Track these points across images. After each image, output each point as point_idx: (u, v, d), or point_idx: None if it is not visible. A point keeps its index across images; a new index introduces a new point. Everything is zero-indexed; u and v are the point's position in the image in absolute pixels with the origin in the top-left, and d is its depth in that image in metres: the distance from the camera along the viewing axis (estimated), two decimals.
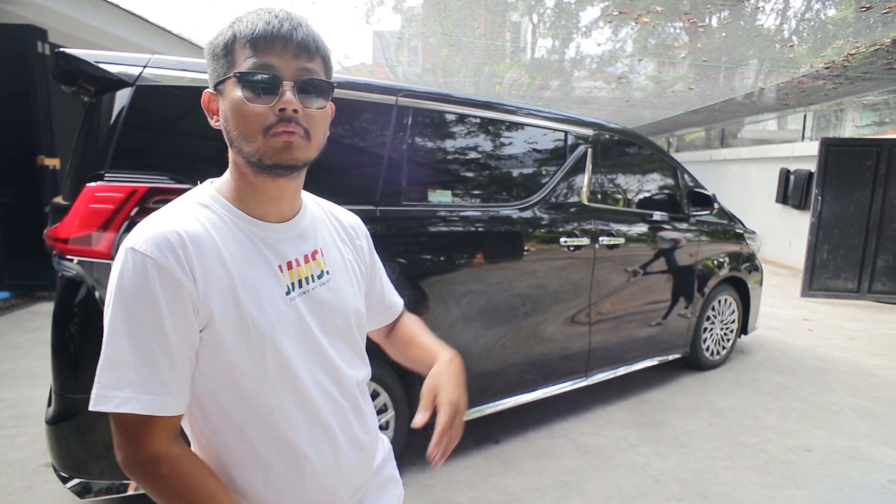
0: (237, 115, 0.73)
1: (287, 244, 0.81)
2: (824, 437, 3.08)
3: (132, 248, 0.70)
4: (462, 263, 2.52)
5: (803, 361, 4.42)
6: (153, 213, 0.76)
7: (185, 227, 0.72)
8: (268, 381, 0.76)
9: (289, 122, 0.72)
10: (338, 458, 0.83)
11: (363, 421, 0.90)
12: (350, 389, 0.87)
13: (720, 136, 14.70)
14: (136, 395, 0.68)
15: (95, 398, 0.68)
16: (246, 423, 0.77)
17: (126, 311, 0.69)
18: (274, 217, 0.81)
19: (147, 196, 1.78)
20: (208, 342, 0.73)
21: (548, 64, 8.44)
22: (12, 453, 2.62)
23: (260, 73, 0.71)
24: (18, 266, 5.38)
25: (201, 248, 0.72)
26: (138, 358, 0.68)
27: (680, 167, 3.82)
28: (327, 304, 0.84)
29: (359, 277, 0.94)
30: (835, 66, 6.28)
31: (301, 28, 0.73)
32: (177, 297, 0.69)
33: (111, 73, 1.79)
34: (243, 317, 0.73)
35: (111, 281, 0.71)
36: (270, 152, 0.73)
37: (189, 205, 0.78)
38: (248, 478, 0.79)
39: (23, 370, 3.65)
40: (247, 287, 0.74)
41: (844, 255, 6.94)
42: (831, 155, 6.85)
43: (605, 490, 2.49)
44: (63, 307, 1.80)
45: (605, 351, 3.27)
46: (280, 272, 0.79)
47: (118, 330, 0.69)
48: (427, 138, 2.52)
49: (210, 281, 0.72)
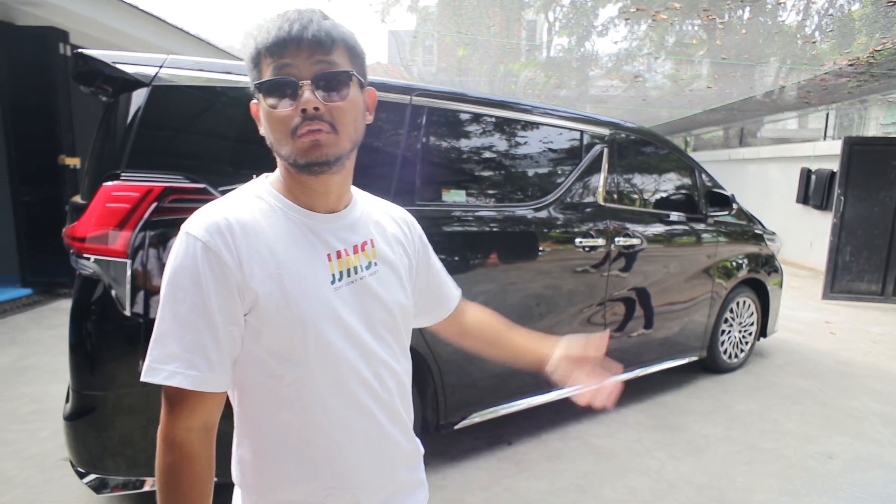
0: (268, 121, 0.76)
1: (336, 234, 0.83)
2: (847, 444, 3.00)
3: (186, 232, 0.74)
4: (476, 264, 2.50)
5: (825, 365, 4.33)
6: (213, 201, 0.80)
7: (236, 214, 0.76)
8: (308, 367, 0.78)
9: (312, 121, 0.74)
10: (370, 450, 0.84)
11: (399, 416, 0.90)
12: (388, 382, 0.87)
13: (739, 135, 14.49)
14: (182, 370, 0.71)
15: (146, 370, 0.72)
16: (282, 407, 0.79)
17: (175, 290, 0.73)
18: (323, 209, 0.83)
19: (163, 195, 1.79)
20: (252, 325, 0.76)
21: (563, 62, 8.38)
22: (33, 447, 2.67)
23: (277, 78, 0.73)
24: (40, 264, 5.49)
25: (250, 235, 0.75)
26: (185, 335, 0.72)
27: (698, 167, 3.76)
28: (373, 295, 0.85)
29: (407, 271, 0.95)
30: (859, 62, 6.13)
31: (312, 25, 0.73)
32: (223, 278, 0.73)
33: (128, 74, 1.81)
34: (288, 302, 0.75)
35: (168, 263, 0.75)
36: (300, 153, 0.75)
37: (245, 195, 0.81)
38: (280, 461, 0.80)
39: (44, 366, 3.72)
40: (293, 274, 0.77)
41: (868, 256, 6.78)
42: (855, 154, 6.70)
43: (619, 494, 2.46)
44: (80, 305, 1.83)
45: (621, 353, 3.23)
46: (328, 261, 0.81)
47: (168, 308, 0.73)
48: (441, 137, 2.50)
49: (256, 266, 0.74)
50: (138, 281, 1.77)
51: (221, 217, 0.75)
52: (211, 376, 0.73)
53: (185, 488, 0.74)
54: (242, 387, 0.80)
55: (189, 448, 0.74)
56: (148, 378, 0.72)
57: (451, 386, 2.46)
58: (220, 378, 0.75)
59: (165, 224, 1.80)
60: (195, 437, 0.75)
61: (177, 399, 0.73)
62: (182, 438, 0.74)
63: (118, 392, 1.80)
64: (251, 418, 0.81)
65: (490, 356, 1.13)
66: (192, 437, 0.74)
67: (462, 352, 2.53)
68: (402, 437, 0.90)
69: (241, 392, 0.81)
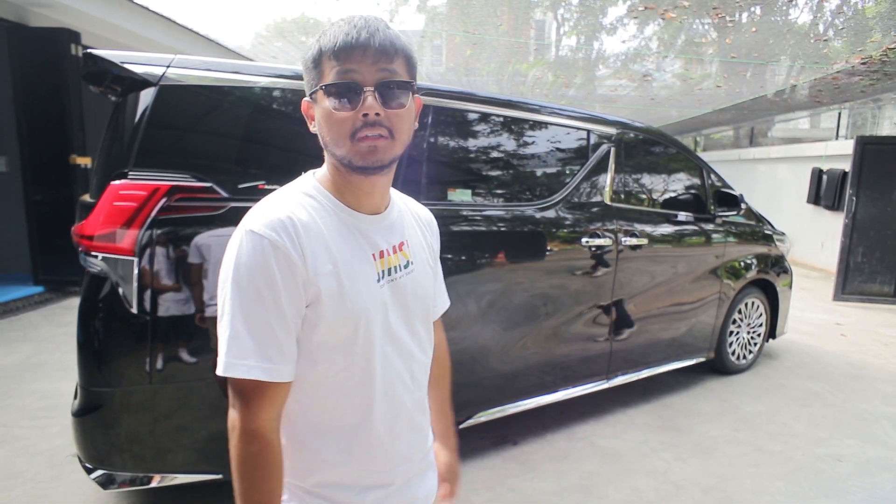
0: (328, 122, 0.79)
1: (379, 235, 0.88)
2: (856, 447, 2.97)
3: (251, 230, 0.77)
4: (482, 263, 2.50)
5: (835, 367, 4.28)
6: (267, 197, 0.84)
7: (296, 213, 0.79)
8: (355, 358, 0.83)
9: (373, 126, 0.78)
10: (400, 436, 0.90)
11: (424, 405, 0.97)
12: (418, 374, 0.94)
13: (749, 134, 14.35)
14: (259, 364, 0.76)
15: (226, 366, 0.76)
16: (328, 396, 0.84)
17: (246, 287, 0.76)
18: (367, 209, 0.87)
19: (170, 194, 1.81)
20: (309, 318, 0.80)
21: (572, 62, 8.35)
22: (42, 443, 2.70)
23: (342, 82, 0.77)
24: (51, 262, 5.56)
25: (310, 233, 0.79)
26: (259, 330, 0.76)
27: (706, 166, 3.73)
28: (410, 293, 0.91)
29: (432, 269, 1.02)
30: (872, 61, 6.05)
31: (378, 33, 0.78)
32: (291, 275, 0.77)
33: (136, 74, 1.83)
34: (343, 297, 0.80)
35: (228, 260, 0.78)
36: (358, 156, 0.79)
37: (296, 194, 0.84)
38: (320, 446, 0.85)
39: (54, 363, 3.76)
40: (347, 271, 0.82)
41: (880, 257, 6.70)
42: (867, 154, 6.62)
43: (624, 495, 2.45)
44: (88, 302, 1.85)
45: (627, 353, 3.22)
46: (374, 260, 0.86)
47: (239, 305, 0.76)
48: (448, 137, 2.50)
49: (317, 263, 0.79)
50: (145, 279, 1.79)
51: (285, 215, 0.78)
52: (284, 368, 0.78)
53: (267, 475, 0.78)
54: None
55: (269, 438, 0.78)
56: (228, 373, 0.76)
57: (456, 385, 2.45)
58: (292, 368, 0.80)
59: (172, 222, 1.82)
60: (274, 427, 0.79)
61: (255, 392, 0.77)
62: (264, 429, 0.78)
63: (125, 389, 1.82)
64: (296, 406, 0.85)
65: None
66: (272, 427, 0.79)
67: (468, 351, 2.55)
68: (425, 424, 0.97)
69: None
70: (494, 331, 2.57)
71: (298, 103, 2.17)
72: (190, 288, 1.87)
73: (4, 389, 3.31)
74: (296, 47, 8.63)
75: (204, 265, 1.87)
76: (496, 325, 2.57)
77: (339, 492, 0.86)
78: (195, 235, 1.85)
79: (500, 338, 2.60)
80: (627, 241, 3.01)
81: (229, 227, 1.89)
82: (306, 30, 9.25)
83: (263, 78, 2.02)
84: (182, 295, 1.86)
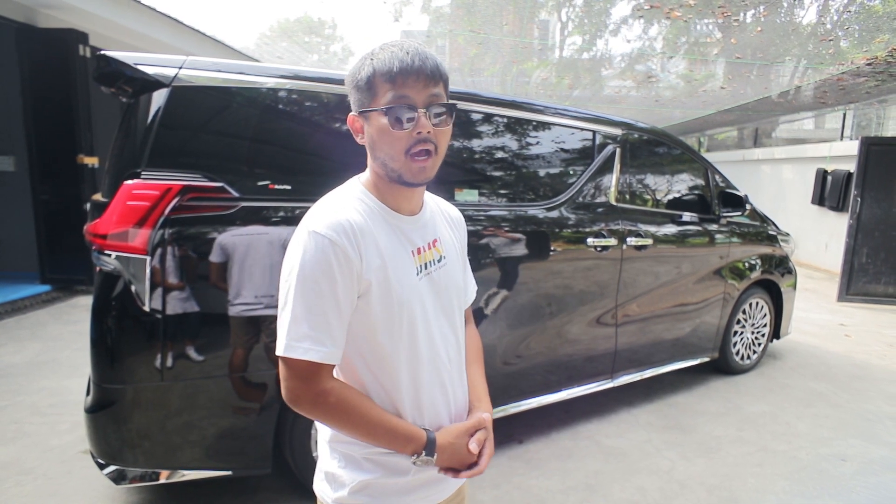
0: (384, 139, 0.90)
1: (416, 233, 1.00)
2: (860, 447, 2.98)
3: (314, 231, 0.88)
4: (487, 263, 2.52)
5: (839, 368, 4.28)
6: (321, 201, 0.96)
7: (351, 216, 0.91)
8: (401, 343, 0.95)
9: (425, 142, 0.90)
10: (440, 407, 1.01)
11: (459, 380, 1.08)
12: (453, 354, 1.05)
13: (753, 135, 14.32)
14: (314, 347, 0.87)
15: (286, 347, 0.87)
16: (380, 373, 0.96)
17: (308, 280, 0.87)
18: (406, 211, 1.00)
19: (181, 193, 1.83)
20: (360, 307, 0.92)
21: (576, 62, 8.35)
22: (53, 440, 2.73)
23: (401, 105, 0.88)
24: (59, 261, 5.60)
25: (365, 234, 0.91)
26: (316, 318, 0.88)
27: (711, 167, 3.74)
28: (444, 285, 1.03)
29: (461, 263, 1.14)
30: (877, 61, 6.04)
31: (428, 60, 0.89)
32: (348, 270, 0.88)
33: (148, 75, 1.85)
34: (390, 289, 0.92)
35: (291, 256, 0.89)
36: (410, 174, 0.91)
37: (347, 197, 0.97)
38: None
39: (63, 360, 3.80)
40: (393, 266, 0.93)
41: (885, 258, 6.69)
42: (872, 155, 6.61)
43: (629, 494, 2.46)
44: (101, 300, 1.87)
45: (632, 353, 3.23)
46: (413, 256, 0.98)
47: (301, 296, 0.87)
48: (453, 137, 2.51)
49: (369, 259, 0.91)
50: (157, 277, 1.81)
51: (343, 218, 0.90)
52: (335, 351, 0.90)
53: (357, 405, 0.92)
54: (345, 359, 0.96)
55: (332, 385, 0.91)
56: (287, 353, 0.87)
57: None
58: (340, 352, 0.92)
59: (184, 222, 1.85)
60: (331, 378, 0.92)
61: (310, 371, 0.88)
62: (325, 385, 0.90)
63: (137, 386, 1.85)
64: (353, 383, 0.97)
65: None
66: (331, 383, 0.91)
67: None
68: (462, 397, 1.08)
69: (344, 363, 0.97)
70: (500, 330, 2.59)
71: (307, 104, 2.20)
72: (201, 286, 1.89)
73: (14, 387, 3.35)
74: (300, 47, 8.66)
75: (215, 264, 1.89)
76: (501, 324, 2.59)
77: (391, 457, 0.97)
78: (207, 234, 1.88)
79: (505, 337, 2.61)
80: (632, 241, 3.02)
81: (240, 227, 1.93)
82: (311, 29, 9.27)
83: (273, 79, 2.04)
84: (193, 293, 1.88)
